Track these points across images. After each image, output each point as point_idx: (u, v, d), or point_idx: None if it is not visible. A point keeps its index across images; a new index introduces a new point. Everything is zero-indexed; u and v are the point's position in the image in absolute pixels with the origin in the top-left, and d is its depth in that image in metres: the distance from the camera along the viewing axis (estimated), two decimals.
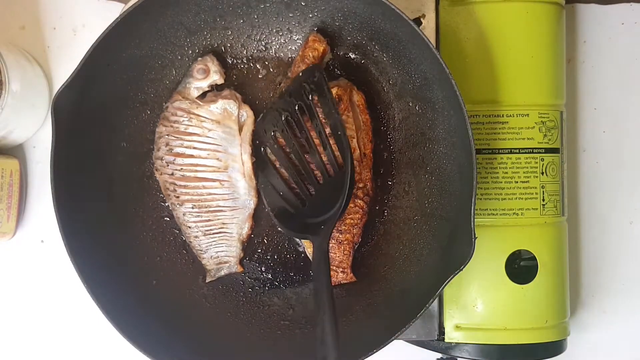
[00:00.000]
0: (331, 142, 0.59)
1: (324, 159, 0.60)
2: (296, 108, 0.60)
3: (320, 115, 0.59)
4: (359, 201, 0.62)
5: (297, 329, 0.63)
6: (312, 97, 0.59)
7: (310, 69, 0.60)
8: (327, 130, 0.59)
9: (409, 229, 0.63)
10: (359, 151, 0.62)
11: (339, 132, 0.58)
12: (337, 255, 0.63)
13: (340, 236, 0.63)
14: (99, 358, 0.72)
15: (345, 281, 0.63)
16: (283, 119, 0.61)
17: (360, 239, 0.63)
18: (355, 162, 0.62)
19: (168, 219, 0.64)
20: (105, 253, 0.60)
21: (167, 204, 0.64)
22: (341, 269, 0.63)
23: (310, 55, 0.61)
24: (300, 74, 0.60)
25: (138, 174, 0.64)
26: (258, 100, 0.64)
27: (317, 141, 0.60)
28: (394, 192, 0.64)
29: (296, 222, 0.61)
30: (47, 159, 0.57)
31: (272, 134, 0.62)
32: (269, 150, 0.62)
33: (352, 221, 0.63)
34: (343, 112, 0.62)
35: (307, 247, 0.64)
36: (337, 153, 0.59)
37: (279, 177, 0.62)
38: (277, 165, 0.62)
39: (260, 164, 0.63)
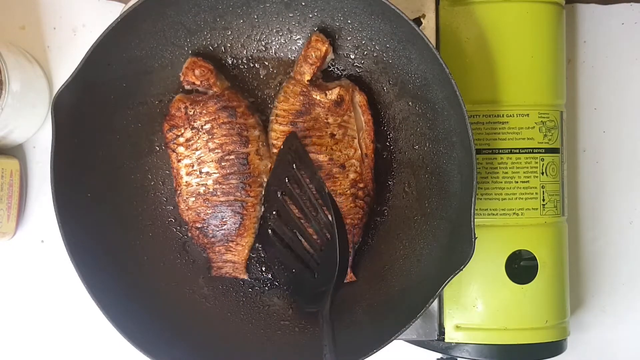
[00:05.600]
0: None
1: (320, 224, 0.60)
2: (286, 181, 0.61)
3: (307, 182, 0.60)
4: (360, 201, 0.62)
5: (297, 329, 0.63)
6: (295, 165, 0.60)
7: (288, 138, 0.61)
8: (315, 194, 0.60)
9: (409, 229, 0.63)
10: (360, 152, 0.62)
11: (324, 193, 0.58)
12: None
13: None
14: (99, 358, 0.72)
15: (345, 281, 0.63)
16: (279, 196, 0.61)
17: (360, 239, 0.63)
18: (356, 162, 0.62)
19: (169, 220, 0.64)
20: (105, 253, 0.60)
21: (169, 207, 0.64)
22: None
23: (313, 55, 0.61)
24: (282, 146, 0.61)
25: (138, 174, 0.64)
26: (258, 101, 0.64)
27: (311, 208, 0.61)
28: (394, 192, 0.64)
29: (308, 294, 0.61)
30: (47, 159, 0.57)
31: (274, 213, 0.62)
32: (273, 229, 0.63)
33: (352, 221, 0.63)
34: (345, 113, 0.62)
35: None
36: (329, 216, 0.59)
37: (289, 254, 0.62)
38: (283, 242, 0.63)
39: (266, 244, 0.63)
